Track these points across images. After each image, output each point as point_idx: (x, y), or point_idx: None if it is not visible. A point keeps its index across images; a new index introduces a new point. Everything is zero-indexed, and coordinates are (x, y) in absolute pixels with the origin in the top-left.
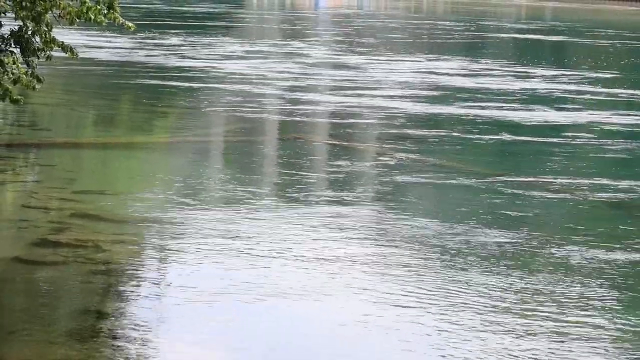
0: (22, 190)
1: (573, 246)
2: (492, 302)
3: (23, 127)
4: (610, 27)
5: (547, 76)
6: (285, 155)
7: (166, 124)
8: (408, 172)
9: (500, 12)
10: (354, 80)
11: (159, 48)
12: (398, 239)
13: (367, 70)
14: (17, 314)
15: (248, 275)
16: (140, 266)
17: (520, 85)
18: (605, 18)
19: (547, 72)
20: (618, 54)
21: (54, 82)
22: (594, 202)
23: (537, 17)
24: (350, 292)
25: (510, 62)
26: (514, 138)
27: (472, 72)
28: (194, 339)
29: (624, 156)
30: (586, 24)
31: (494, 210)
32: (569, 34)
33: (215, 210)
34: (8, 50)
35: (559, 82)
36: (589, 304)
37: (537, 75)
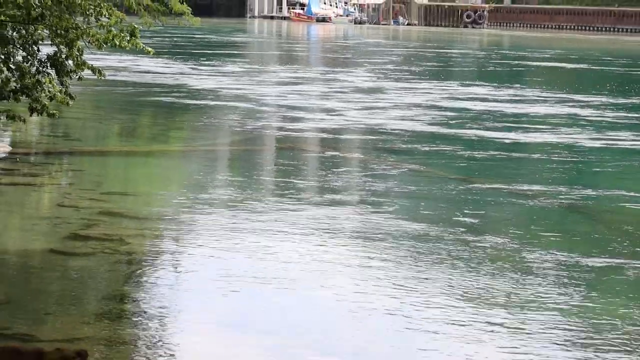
0: (57, 191)
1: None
2: (457, 298)
3: (58, 137)
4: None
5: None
6: (285, 163)
7: (183, 135)
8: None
9: (469, 39)
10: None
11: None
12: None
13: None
14: (52, 297)
15: (252, 266)
16: (159, 257)
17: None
18: (567, 45)
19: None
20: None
21: (84, 99)
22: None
23: (517, 44)
24: (343, 281)
25: (554, 89)
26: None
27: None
28: (209, 321)
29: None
30: (570, 52)
31: (475, 214)
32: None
33: (223, 208)
34: (45, 71)
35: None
36: (546, 302)
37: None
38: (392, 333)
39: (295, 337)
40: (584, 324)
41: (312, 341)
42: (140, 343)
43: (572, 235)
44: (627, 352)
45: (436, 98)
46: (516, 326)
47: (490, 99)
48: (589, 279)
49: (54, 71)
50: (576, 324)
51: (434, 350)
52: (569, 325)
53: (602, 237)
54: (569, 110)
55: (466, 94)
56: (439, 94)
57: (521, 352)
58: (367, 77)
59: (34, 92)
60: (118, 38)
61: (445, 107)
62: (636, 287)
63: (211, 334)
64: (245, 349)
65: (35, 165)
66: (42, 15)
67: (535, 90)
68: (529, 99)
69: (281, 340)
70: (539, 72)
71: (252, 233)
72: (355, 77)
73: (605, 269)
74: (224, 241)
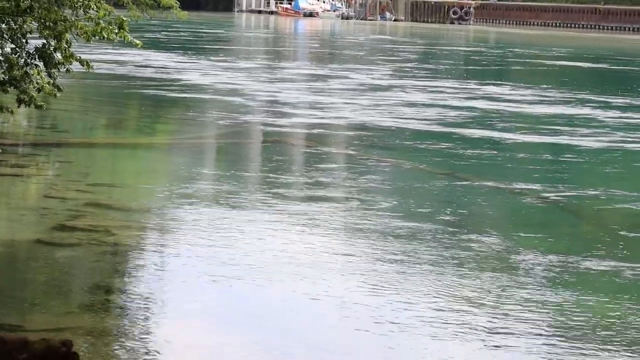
0: (44, 182)
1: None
2: (447, 297)
3: (45, 129)
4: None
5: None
6: (274, 154)
7: (171, 128)
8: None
9: (456, 35)
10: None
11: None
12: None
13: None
14: (38, 288)
15: (240, 257)
16: (145, 248)
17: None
18: (553, 42)
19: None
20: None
21: (72, 91)
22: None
23: (509, 41)
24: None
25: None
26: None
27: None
28: (195, 313)
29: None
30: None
31: (460, 210)
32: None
33: (210, 201)
34: (33, 63)
35: None
36: (535, 302)
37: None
38: (378, 329)
39: (282, 332)
40: (575, 325)
41: (298, 336)
42: (126, 334)
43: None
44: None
45: (454, 97)
46: (500, 326)
47: (510, 98)
48: (581, 279)
49: (42, 63)
50: (566, 324)
51: (422, 349)
52: (558, 326)
53: (595, 236)
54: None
55: (489, 94)
56: (458, 94)
57: (509, 351)
58: (375, 75)
59: (21, 83)
60: (106, 31)
61: (466, 107)
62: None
63: (198, 326)
64: (232, 342)
65: (23, 156)
66: (30, 7)
67: (561, 90)
68: (555, 99)
69: (268, 334)
70: (559, 72)
71: (239, 226)
72: (361, 75)
73: (600, 271)
74: (211, 234)
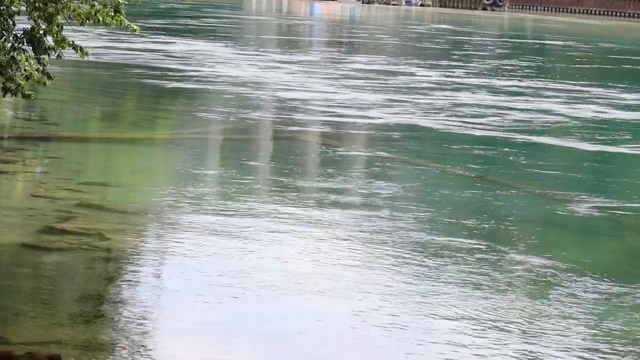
0: (31, 180)
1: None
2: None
3: (33, 121)
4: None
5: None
6: (278, 151)
7: (171, 122)
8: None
9: (518, 25)
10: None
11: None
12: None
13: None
14: (23, 296)
15: (242, 266)
16: (140, 254)
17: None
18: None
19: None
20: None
21: (63, 79)
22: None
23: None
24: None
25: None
26: None
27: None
28: (187, 324)
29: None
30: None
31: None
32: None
33: (212, 203)
34: (21, 48)
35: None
36: (566, 326)
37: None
38: (390, 345)
39: (285, 345)
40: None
41: (302, 349)
42: (118, 347)
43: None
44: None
45: (558, 102)
46: (535, 350)
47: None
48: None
49: (30, 48)
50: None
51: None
52: (591, 347)
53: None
54: None
55: (601, 97)
56: (560, 96)
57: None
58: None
59: (8, 70)
60: (101, 14)
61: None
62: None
63: (193, 338)
64: (228, 356)
65: (8, 151)
66: None
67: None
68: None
69: (269, 347)
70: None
71: (240, 231)
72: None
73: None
74: (211, 239)
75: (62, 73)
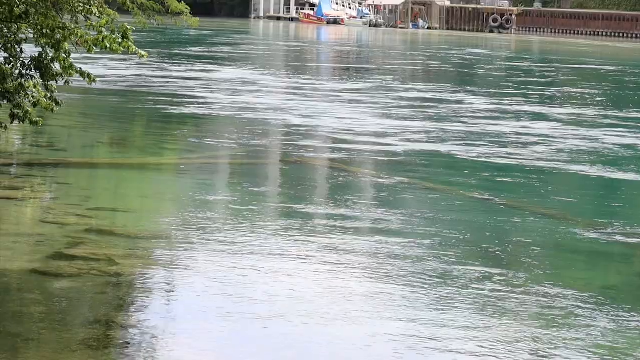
0: (40, 206)
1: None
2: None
3: (41, 147)
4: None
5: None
6: (288, 175)
7: (179, 147)
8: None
9: (518, 46)
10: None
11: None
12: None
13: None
14: (32, 322)
15: (252, 292)
16: (150, 279)
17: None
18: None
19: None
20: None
21: (71, 105)
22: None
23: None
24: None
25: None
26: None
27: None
28: (198, 349)
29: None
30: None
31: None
32: None
33: (221, 228)
34: (29, 74)
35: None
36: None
37: None
38: None
39: None
40: None
41: None
42: None
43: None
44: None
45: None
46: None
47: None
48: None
49: (38, 74)
50: None
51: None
52: None
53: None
54: None
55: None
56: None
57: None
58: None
59: (15, 96)
60: (109, 40)
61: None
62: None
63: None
64: None
65: (17, 177)
66: (26, 12)
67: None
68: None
69: None
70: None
71: (251, 256)
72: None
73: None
74: (222, 264)
75: (69, 99)
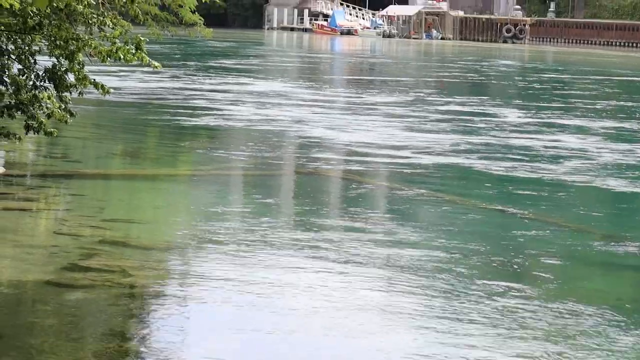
0: (54, 217)
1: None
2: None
3: (55, 158)
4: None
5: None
6: (298, 186)
7: (192, 158)
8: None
9: (545, 57)
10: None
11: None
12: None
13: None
14: (47, 334)
15: (267, 304)
16: (164, 291)
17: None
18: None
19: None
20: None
21: (85, 117)
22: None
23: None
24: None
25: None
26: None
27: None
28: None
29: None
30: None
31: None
32: None
33: (235, 239)
34: (43, 86)
35: None
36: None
37: None
38: None
39: None
40: None
41: None
42: None
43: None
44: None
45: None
46: None
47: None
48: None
49: (52, 86)
50: None
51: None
52: None
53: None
54: None
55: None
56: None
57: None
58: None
59: (30, 108)
60: (122, 51)
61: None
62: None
63: None
64: None
65: (31, 188)
66: (40, 24)
67: None
68: None
69: None
70: None
71: (265, 267)
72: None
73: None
74: (235, 276)
75: (83, 110)
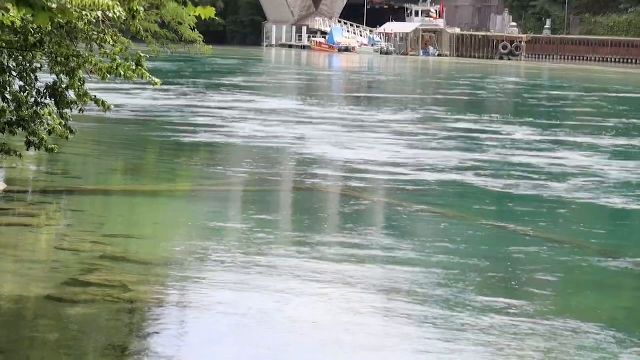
0: (55, 233)
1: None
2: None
3: (56, 174)
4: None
5: None
6: (297, 203)
7: (192, 174)
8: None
9: (517, 72)
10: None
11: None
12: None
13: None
14: (48, 348)
15: (265, 319)
16: (164, 305)
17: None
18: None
19: None
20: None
21: (85, 133)
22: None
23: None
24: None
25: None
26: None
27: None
28: None
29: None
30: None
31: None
32: None
33: (235, 254)
34: (44, 102)
35: None
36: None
37: None
38: None
39: None
40: None
41: None
42: None
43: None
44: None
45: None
46: None
47: None
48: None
49: (53, 102)
50: None
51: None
52: None
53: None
54: None
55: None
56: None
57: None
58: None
59: (31, 124)
60: (123, 68)
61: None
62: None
63: None
64: None
65: (32, 204)
66: (41, 41)
67: None
68: None
69: None
70: None
71: (265, 284)
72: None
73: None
74: (235, 291)
75: (83, 127)
